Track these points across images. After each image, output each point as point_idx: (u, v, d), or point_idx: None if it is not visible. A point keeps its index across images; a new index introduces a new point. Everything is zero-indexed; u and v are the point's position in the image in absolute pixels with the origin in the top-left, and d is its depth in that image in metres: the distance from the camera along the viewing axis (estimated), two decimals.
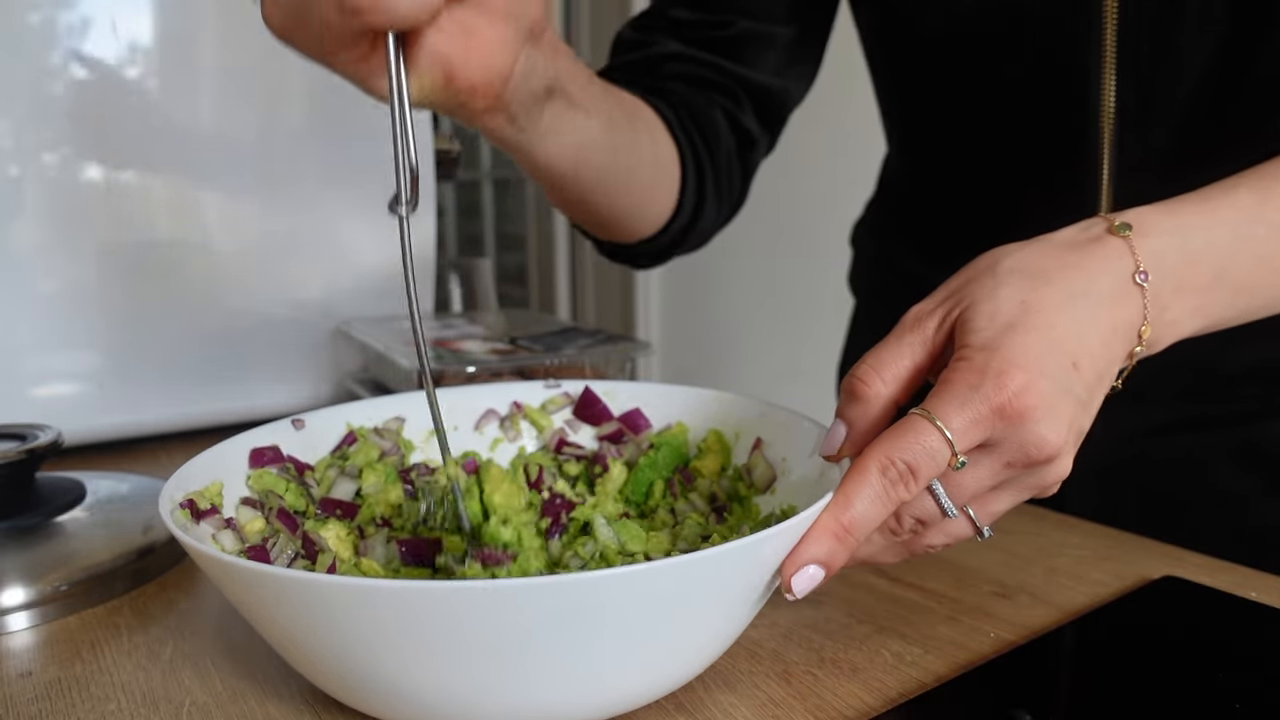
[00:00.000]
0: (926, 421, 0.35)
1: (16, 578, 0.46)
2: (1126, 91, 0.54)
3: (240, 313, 0.78)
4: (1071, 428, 0.36)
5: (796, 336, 1.97)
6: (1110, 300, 0.38)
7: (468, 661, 0.31)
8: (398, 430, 0.50)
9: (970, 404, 0.35)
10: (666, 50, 0.62)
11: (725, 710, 0.37)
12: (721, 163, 0.63)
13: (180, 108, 0.73)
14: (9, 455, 0.49)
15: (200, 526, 0.41)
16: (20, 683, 0.40)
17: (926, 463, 0.35)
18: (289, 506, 0.45)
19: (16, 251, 0.68)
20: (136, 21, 0.71)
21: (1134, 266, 0.38)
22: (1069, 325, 0.36)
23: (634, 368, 0.72)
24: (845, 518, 0.35)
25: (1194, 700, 0.37)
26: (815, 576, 0.35)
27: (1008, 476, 0.37)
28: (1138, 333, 0.39)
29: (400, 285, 0.87)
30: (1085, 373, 0.37)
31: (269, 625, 0.34)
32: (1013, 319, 0.36)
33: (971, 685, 0.39)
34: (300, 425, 0.48)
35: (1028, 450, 0.36)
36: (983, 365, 0.35)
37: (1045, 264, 0.38)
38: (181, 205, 0.74)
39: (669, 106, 0.60)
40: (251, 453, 0.46)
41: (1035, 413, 0.35)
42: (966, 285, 0.38)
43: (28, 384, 0.70)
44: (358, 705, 0.36)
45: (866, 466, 0.35)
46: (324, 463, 0.48)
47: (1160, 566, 0.49)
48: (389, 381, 0.72)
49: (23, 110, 0.67)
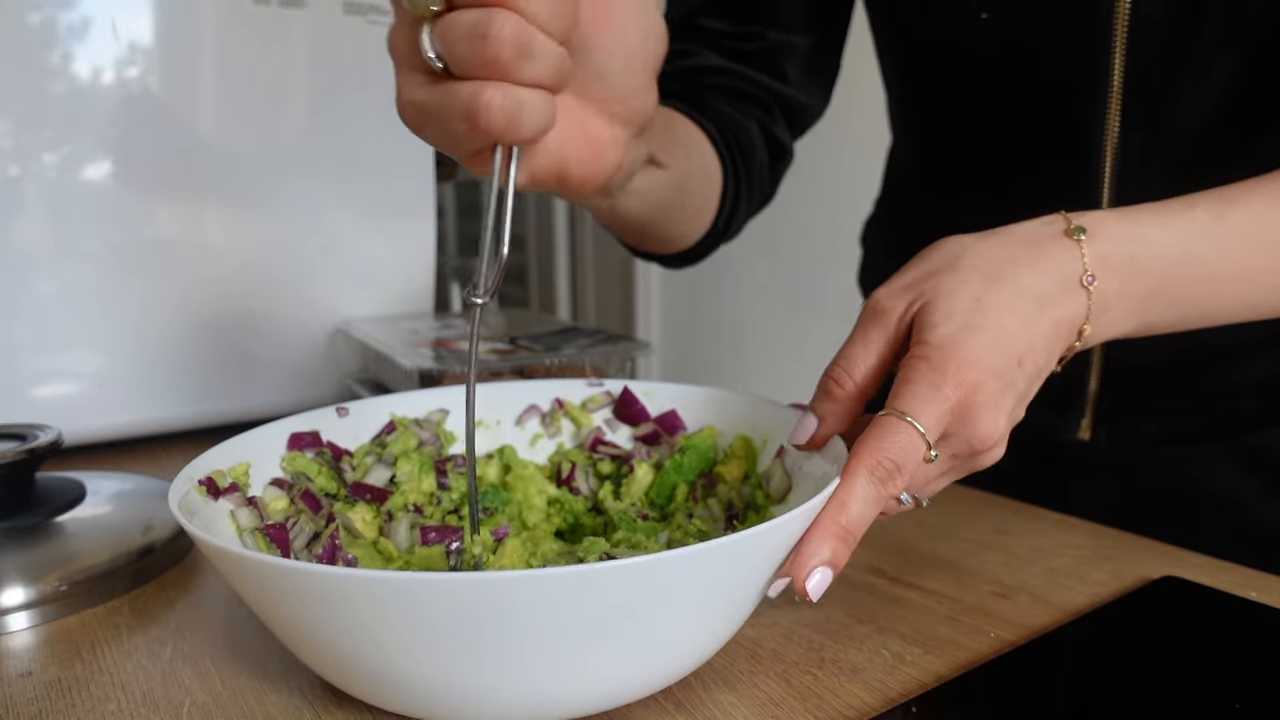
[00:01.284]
0: (900, 420, 0.37)
1: (16, 578, 0.46)
2: (1131, 117, 0.55)
3: (240, 313, 0.78)
4: (1010, 420, 0.40)
5: (797, 336, 1.97)
6: (1055, 299, 0.40)
7: (461, 652, 0.32)
8: (439, 422, 0.51)
9: (934, 401, 0.37)
10: (708, 64, 0.64)
11: (725, 710, 0.37)
12: (755, 173, 0.65)
13: (180, 108, 0.73)
14: (9, 455, 0.49)
15: (218, 503, 0.41)
16: (20, 683, 0.40)
17: (910, 458, 0.37)
18: (318, 489, 0.46)
19: (16, 251, 0.68)
20: (136, 21, 0.71)
21: (1082, 269, 0.41)
22: (1018, 324, 0.39)
23: (634, 368, 0.72)
24: (844, 519, 0.36)
25: (1194, 700, 0.37)
26: (826, 576, 0.36)
27: (954, 464, 0.40)
28: (1078, 330, 0.41)
29: (399, 284, 0.87)
30: (1027, 368, 0.39)
31: (269, 613, 0.35)
32: (968, 318, 0.38)
33: (971, 685, 0.39)
34: (344, 413, 0.49)
35: (973, 443, 0.39)
36: (941, 364, 0.37)
37: (1001, 261, 0.40)
38: (182, 205, 0.74)
39: (711, 122, 0.62)
40: (291, 436, 0.47)
41: (982, 409, 0.38)
42: (928, 279, 0.40)
43: (28, 384, 0.70)
44: (353, 691, 0.36)
45: (856, 470, 0.37)
46: (363, 449, 0.49)
47: (1160, 566, 0.49)
48: (389, 381, 0.72)
49: (23, 110, 0.67)
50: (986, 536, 0.54)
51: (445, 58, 0.34)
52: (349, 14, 0.80)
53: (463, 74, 0.34)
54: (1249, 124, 0.53)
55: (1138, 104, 0.54)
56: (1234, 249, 0.43)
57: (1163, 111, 0.54)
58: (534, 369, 0.67)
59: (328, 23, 0.79)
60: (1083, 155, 0.57)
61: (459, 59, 0.33)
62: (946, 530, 0.54)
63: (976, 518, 0.57)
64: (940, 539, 0.53)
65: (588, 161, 0.40)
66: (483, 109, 0.33)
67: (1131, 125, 0.55)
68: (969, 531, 0.54)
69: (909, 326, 0.40)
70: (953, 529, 0.55)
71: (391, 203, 0.85)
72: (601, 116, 0.39)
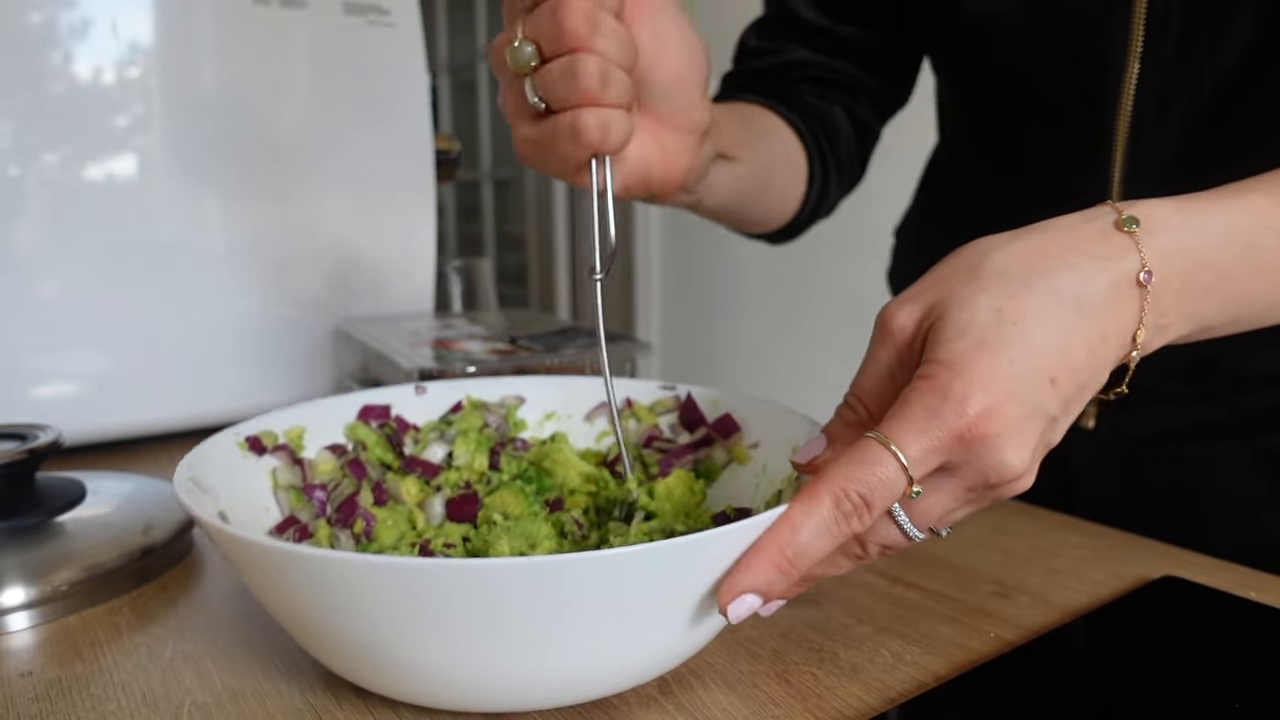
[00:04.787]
0: (883, 449, 0.33)
1: (17, 577, 0.46)
2: (1149, 82, 0.55)
3: (240, 312, 0.78)
4: (1038, 447, 0.34)
5: (796, 336, 1.97)
6: (1105, 303, 0.35)
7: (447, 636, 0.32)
8: (512, 408, 0.53)
9: (929, 430, 0.33)
10: (795, 58, 0.70)
11: (725, 710, 0.37)
12: (842, 152, 0.70)
13: (180, 108, 0.73)
14: (9, 455, 0.49)
15: (260, 460, 0.46)
16: (21, 682, 0.40)
17: (882, 494, 0.33)
18: (374, 459, 0.49)
19: (16, 251, 0.68)
20: (136, 21, 0.71)
21: (1139, 265, 0.36)
22: (1050, 336, 0.34)
23: (634, 368, 0.72)
24: (790, 549, 0.33)
25: (1194, 700, 0.37)
26: (752, 605, 0.33)
27: (971, 497, 0.36)
28: (1132, 336, 0.36)
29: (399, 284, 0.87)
30: (1064, 386, 0.34)
31: (257, 589, 0.36)
32: (985, 334, 0.34)
33: (971, 685, 0.39)
34: (422, 392, 0.52)
35: (988, 476, 0.34)
36: (944, 387, 0.33)
37: (1034, 263, 0.35)
38: (182, 205, 0.74)
39: (794, 111, 0.67)
40: (363, 408, 0.50)
41: (998, 439, 0.33)
42: (944, 285, 0.36)
43: (28, 384, 0.70)
44: (350, 677, 0.37)
45: (819, 495, 0.33)
46: (430, 425, 0.52)
47: (1160, 566, 0.49)
48: (389, 381, 0.72)
49: (23, 110, 0.67)
50: (986, 536, 0.54)
51: (546, 99, 0.42)
52: (349, 14, 0.80)
53: (561, 108, 0.42)
54: (1265, 82, 0.53)
55: (1154, 72, 0.55)
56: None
57: (1180, 74, 0.54)
58: (534, 369, 0.67)
59: (328, 23, 0.79)
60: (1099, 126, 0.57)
61: (557, 96, 0.42)
62: None
63: (976, 518, 0.57)
64: (940, 539, 0.53)
65: (666, 166, 0.48)
66: (583, 128, 0.42)
67: (1144, 120, 0.56)
68: (969, 531, 0.54)
69: (923, 344, 0.36)
70: (953, 529, 0.54)
71: (391, 203, 0.85)
72: (669, 129, 0.48)
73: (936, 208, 0.76)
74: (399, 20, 0.82)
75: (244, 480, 0.44)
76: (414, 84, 0.84)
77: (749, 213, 0.65)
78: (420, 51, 0.84)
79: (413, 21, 0.83)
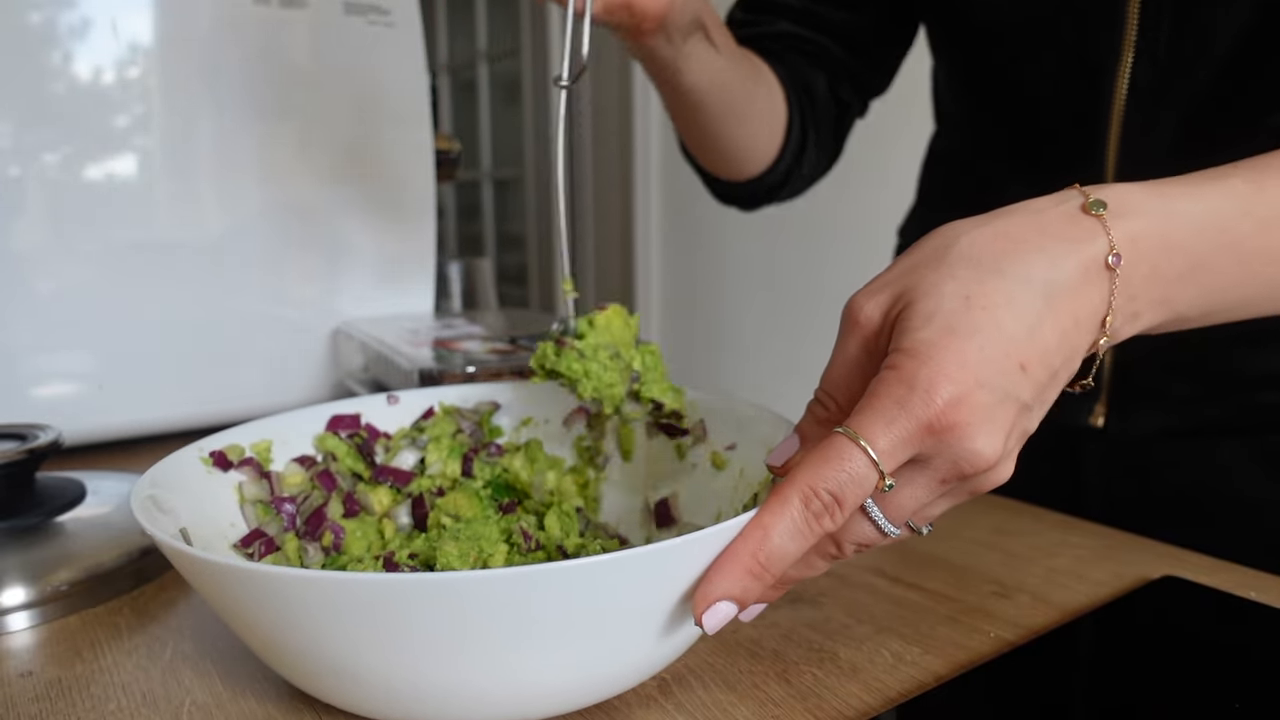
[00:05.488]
0: (851, 444, 0.32)
1: (17, 577, 0.46)
2: (1142, 73, 0.55)
3: (240, 313, 0.78)
4: (1012, 435, 0.33)
5: (796, 335, 1.97)
6: (1075, 287, 0.34)
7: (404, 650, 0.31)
8: (486, 414, 0.52)
9: (897, 422, 0.32)
10: (778, 29, 0.71)
11: (725, 710, 0.37)
12: (821, 117, 0.70)
13: (180, 108, 0.73)
14: (9, 455, 0.49)
15: (226, 475, 0.45)
16: (21, 682, 0.40)
17: (852, 491, 0.32)
18: (344, 469, 0.48)
19: (16, 251, 0.68)
20: (136, 21, 0.71)
21: (1107, 249, 0.35)
22: (1020, 322, 0.33)
23: None
24: (762, 553, 0.32)
25: (1194, 700, 0.37)
26: (728, 614, 0.33)
27: (946, 489, 0.35)
28: (1101, 322, 0.35)
29: (399, 284, 0.87)
30: (1035, 373, 0.33)
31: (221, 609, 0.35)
32: (953, 321, 0.33)
33: (971, 685, 0.39)
34: (394, 401, 0.51)
35: (961, 466, 0.33)
36: (911, 377, 0.32)
37: (1001, 248, 0.34)
38: (182, 205, 0.74)
39: (780, 65, 0.69)
40: (331, 418, 0.49)
41: (968, 428, 0.32)
42: (911, 273, 0.35)
43: (28, 384, 0.70)
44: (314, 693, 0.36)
45: (788, 496, 0.32)
46: (401, 433, 0.51)
47: (1160, 566, 0.49)
48: (389, 381, 0.72)
49: (23, 110, 0.67)
50: (986, 536, 0.54)
51: None
52: (349, 14, 0.80)
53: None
54: (1259, 73, 0.53)
55: (1147, 63, 0.55)
56: (1272, 225, 0.38)
57: (1173, 66, 0.55)
58: None
59: (328, 23, 0.79)
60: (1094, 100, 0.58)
61: None
62: (946, 530, 0.54)
63: (976, 518, 0.57)
64: (940, 539, 0.53)
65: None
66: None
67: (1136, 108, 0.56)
68: (969, 531, 0.54)
69: (890, 335, 0.35)
70: (953, 529, 0.55)
71: (391, 203, 0.85)
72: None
73: (935, 201, 0.76)
74: (399, 20, 0.82)
75: (208, 496, 0.43)
76: (414, 84, 0.84)
77: (728, 127, 0.63)
78: (420, 51, 0.84)
79: (413, 21, 0.83)
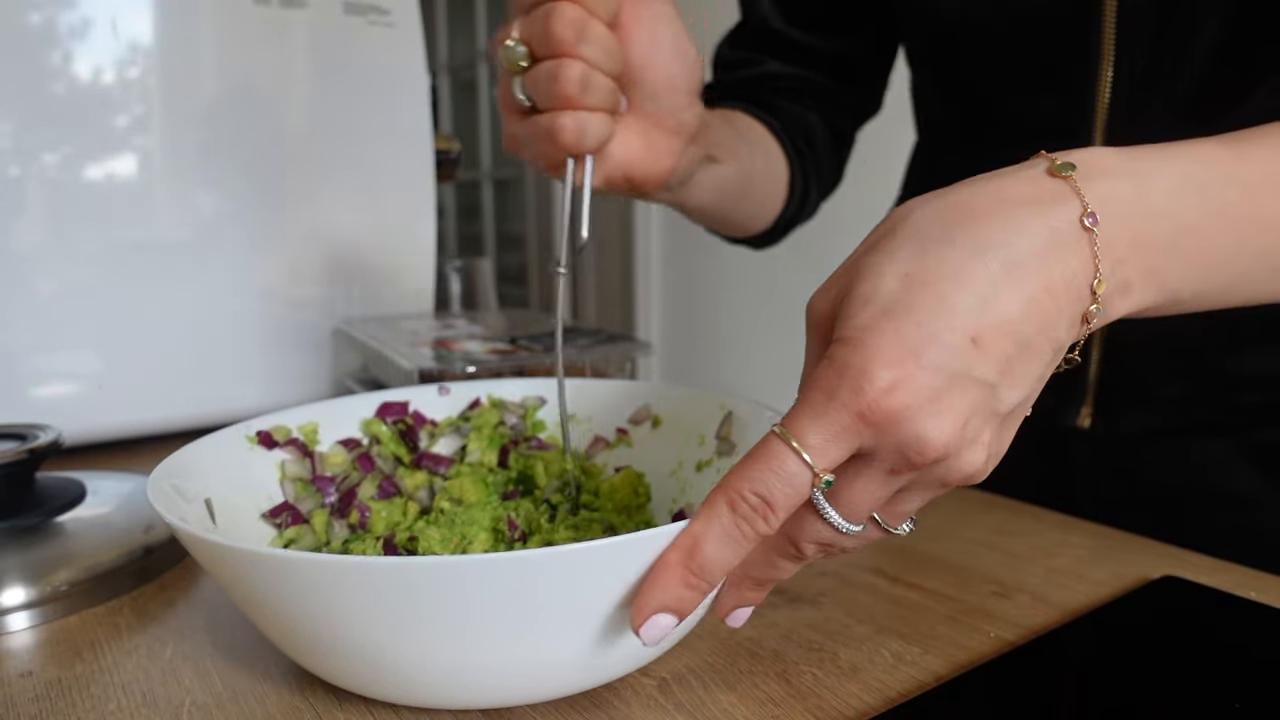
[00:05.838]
0: (781, 443, 0.31)
1: (17, 577, 0.46)
2: (1122, 85, 0.56)
3: (240, 312, 0.78)
4: (972, 416, 0.31)
5: (796, 336, 1.96)
6: (1044, 251, 0.31)
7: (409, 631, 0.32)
8: (532, 408, 0.53)
9: (827, 415, 0.30)
10: (771, 70, 0.72)
11: (725, 710, 0.37)
12: (820, 158, 0.72)
13: (180, 108, 0.73)
14: (9, 455, 0.49)
15: (271, 453, 0.48)
16: (21, 682, 0.40)
17: (783, 491, 0.31)
18: (386, 453, 0.51)
19: (16, 251, 0.68)
20: (136, 21, 0.71)
21: (1080, 209, 0.32)
22: (967, 293, 0.30)
23: (634, 368, 0.72)
24: (695, 561, 0.32)
25: (1194, 700, 0.37)
26: (667, 626, 0.32)
27: (902, 482, 0.32)
28: (1090, 288, 0.32)
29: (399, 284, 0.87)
30: (992, 347, 0.30)
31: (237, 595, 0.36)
32: (890, 301, 0.31)
33: (971, 685, 0.39)
34: (445, 393, 0.53)
35: (908, 455, 0.30)
36: (842, 365, 0.30)
37: (952, 219, 0.32)
38: (182, 205, 0.74)
39: (775, 118, 0.69)
40: (382, 405, 0.52)
41: (908, 412, 0.30)
42: (859, 260, 0.33)
43: (28, 384, 0.70)
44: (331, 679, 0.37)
45: (716, 502, 0.31)
46: (447, 421, 0.53)
47: (1160, 566, 0.49)
48: (389, 381, 0.72)
49: (23, 110, 0.67)
50: (986, 536, 0.54)
51: (532, 98, 0.45)
52: (349, 14, 0.80)
53: (544, 108, 0.45)
54: (1237, 78, 0.53)
55: (1125, 75, 0.55)
56: (1262, 190, 0.35)
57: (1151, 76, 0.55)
58: (534, 369, 0.67)
59: (328, 23, 0.79)
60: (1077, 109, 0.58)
61: (541, 97, 0.44)
62: (946, 530, 0.54)
63: (976, 518, 0.57)
64: (940, 539, 0.53)
65: (649, 164, 0.50)
66: (559, 130, 0.44)
67: (1119, 118, 0.56)
68: (969, 531, 0.54)
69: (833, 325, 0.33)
70: (953, 529, 0.55)
71: (391, 203, 0.85)
72: (656, 129, 0.49)
73: None
74: (399, 20, 0.82)
75: (244, 470, 0.46)
76: (414, 84, 0.84)
77: (732, 215, 0.66)
78: (420, 51, 0.84)
79: (413, 21, 0.83)
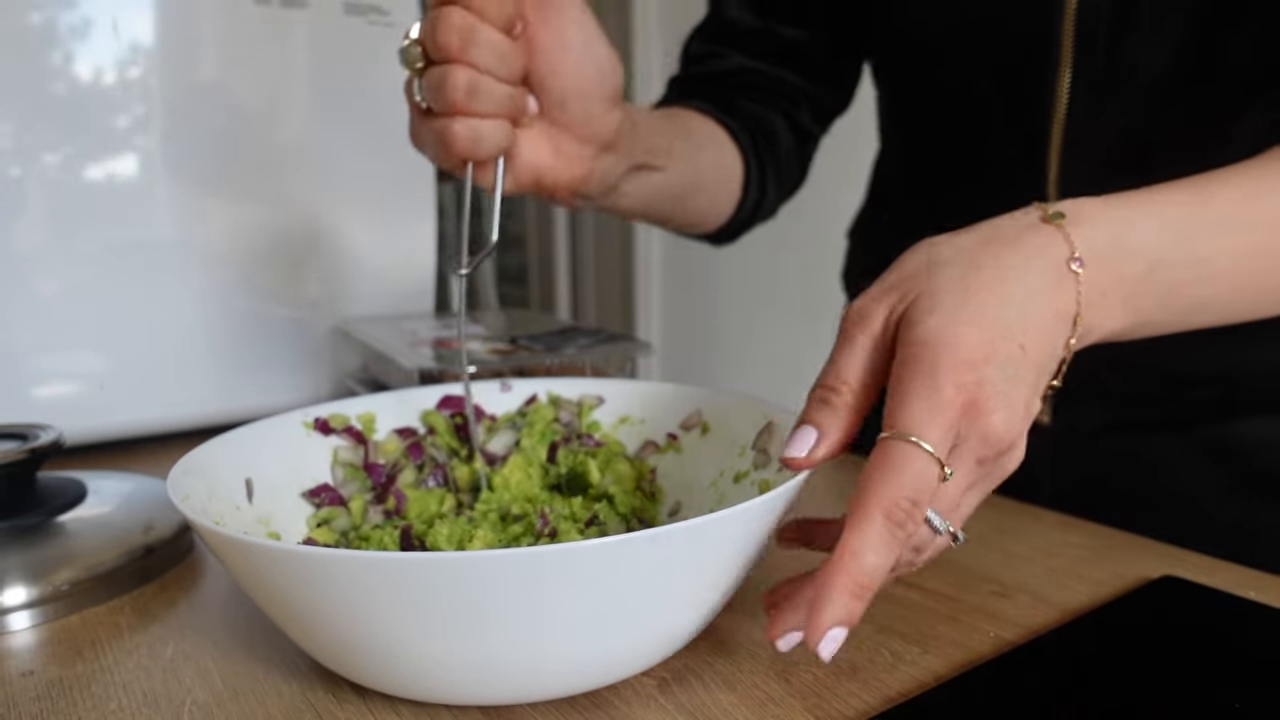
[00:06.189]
0: (907, 444, 0.33)
1: (18, 577, 0.46)
2: (1080, 90, 0.56)
3: (240, 313, 0.78)
4: (1026, 413, 0.35)
5: (797, 336, 1.97)
6: (1048, 286, 0.37)
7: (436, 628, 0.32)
8: (588, 407, 0.54)
9: (937, 410, 0.33)
10: (733, 65, 0.71)
11: (725, 710, 0.37)
12: (781, 158, 0.71)
13: (180, 108, 0.73)
14: (10, 455, 0.50)
15: (326, 439, 0.50)
16: (22, 682, 0.40)
17: (924, 490, 0.33)
18: (441, 444, 0.52)
19: (16, 251, 0.68)
20: (136, 21, 0.71)
21: (1069, 252, 0.38)
22: (1012, 309, 0.36)
23: (634, 368, 0.72)
24: (862, 575, 0.33)
25: (1194, 700, 0.37)
26: (838, 638, 0.34)
27: (979, 475, 0.36)
28: (1073, 320, 0.38)
29: (399, 284, 0.87)
30: (1032, 354, 0.36)
31: (255, 590, 0.36)
32: (955, 309, 0.35)
33: (971, 685, 0.39)
34: (507, 389, 0.55)
35: (990, 444, 0.35)
36: (934, 363, 0.34)
37: (978, 252, 0.37)
38: (182, 205, 0.74)
39: (733, 118, 0.68)
40: (443, 398, 0.53)
41: (990, 403, 0.34)
42: (908, 280, 0.38)
43: (28, 384, 0.70)
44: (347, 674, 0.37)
45: (871, 514, 0.33)
46: (506, 416, 0.54)
47: (1160, 566, 0.49)
48: (389, 380, 0.72)
49: (23, 110, 0.68)
50: (986, 536, 0.54)
51: (428, 100, 0.45)
52: (349, 14, 0.80)
53: (439, 112, 0.45)
54: (1194, 86, 0.54)
55: (1084, 82, 0.56)
56: (1225, 228, 0.41)
57: (1110, 82, 0.55)
58: (534, 369, 0.67)
59: (328, 23, 0.79)
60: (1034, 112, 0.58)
61: (432, 101, 0.45)
62: None
63: (976, 518, 0.56)
64: None
65: (558, 170, 0.50)
66: (451, 137, 0.45)
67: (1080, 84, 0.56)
68: (969, 531, 0.54)
69: (895, 330, 0.37)
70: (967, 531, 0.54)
71: (391, 203, 0.85)
72: (568, 136, 0.49)
73: (881, 210, 0.77)
74: (399, 20, 0.82)
75: (297, 455, 0.48)
76: None
77: (674, 217, 0.66)
78: None
79: (412, 22, 0.83)
